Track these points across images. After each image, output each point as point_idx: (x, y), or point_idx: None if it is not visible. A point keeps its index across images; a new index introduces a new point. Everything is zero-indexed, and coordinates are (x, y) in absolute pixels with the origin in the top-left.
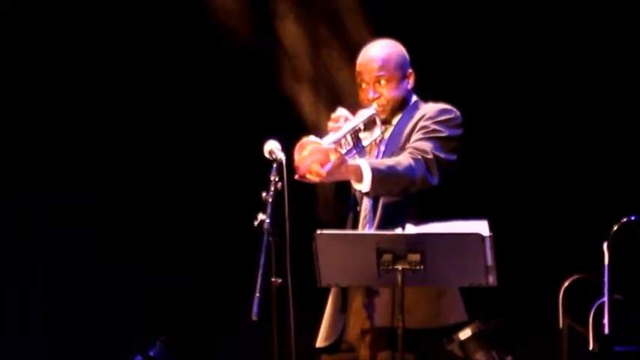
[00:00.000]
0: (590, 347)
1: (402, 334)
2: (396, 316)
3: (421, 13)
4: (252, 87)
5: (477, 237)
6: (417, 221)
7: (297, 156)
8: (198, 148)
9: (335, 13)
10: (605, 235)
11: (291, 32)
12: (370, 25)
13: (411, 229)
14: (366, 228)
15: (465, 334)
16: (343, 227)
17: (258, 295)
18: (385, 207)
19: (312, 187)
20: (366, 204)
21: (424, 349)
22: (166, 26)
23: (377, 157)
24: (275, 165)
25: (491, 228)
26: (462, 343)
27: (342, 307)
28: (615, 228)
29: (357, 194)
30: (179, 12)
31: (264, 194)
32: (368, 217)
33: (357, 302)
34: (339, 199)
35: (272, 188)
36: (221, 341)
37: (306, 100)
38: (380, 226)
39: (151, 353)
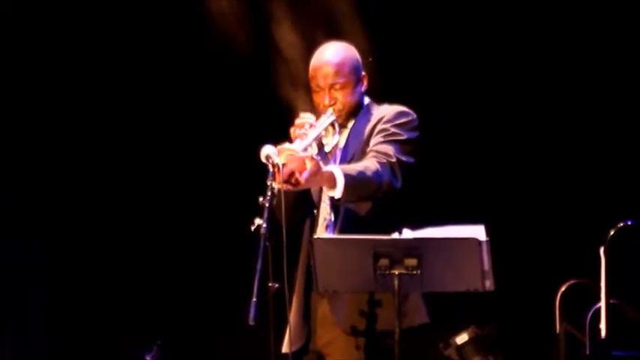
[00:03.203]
0: (587, 352)
1: (398, 339)
2: (394, 321)
3: (418, 18)
4: (249, 92)
5: (474, 242)
6: (381, 226)
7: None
8: (196, 153)
9: (332, 18)
10: (602, 239)
11: (287, 37)
12: (366, 30)
13: (407, 233)
14: (326, 232)
15: (461, 338)
16: (301, 232)
17: (255, 299)
18: (347, 211)
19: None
20: (325, 208)
21: (391, 350)
22: (164, 30)
23: (334, 162)
24: (272, 170)
25: (488, 233)
26: (459, 348)
27: (306, 314)
28: (612, 233)
29: (315, 199)
30: (176, 16)
31: (260, 199)
32: (328, 221)
33: (322, 310)
34: (299, 206)
35: (269, 193)
36: (218, 346)
37: (302, 105)
38: (342, 231)
39: (148, 357)
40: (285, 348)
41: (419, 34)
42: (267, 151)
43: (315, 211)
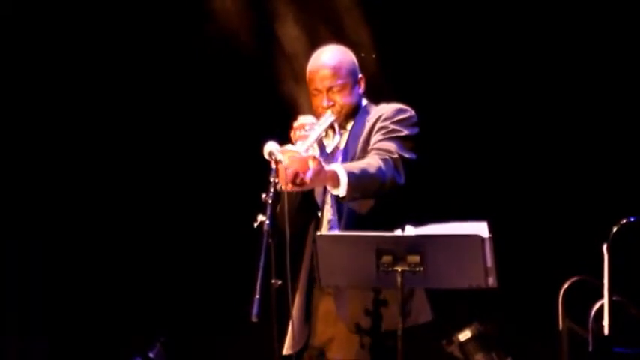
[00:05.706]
0: (590, 348)
1: (401, 335)
2: (398, 317)
3: (421, 13)
4: (252, 88)
5: (477, 238)
6: (384, 223)
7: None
8: (199, 150)
9: (334, 14)
10: (605, 236)
11: (290, 33)
12: (369, 25)
13: (410, 230)
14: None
15: (464, 335)
16: (305, 235)
17: (257, 296)
18: (350, 211)
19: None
20: (328, 210)
21: (395, 348)
22: (166, 28)
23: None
24: (274, 167)
25: (491, 229)
26: (462, 345)
27: (306, 316)
28: (615, 229)
29: (319, 202)
30: (179, 14)
31: (263, 196)
32: (332, 222)
33: (323, 306)
34: (302, 209)
35: (271, 190)
36: (221, 342)
37: (305, 101)
38: (345, 230)
39: (151, 354)
40: (287, 349)
41: (422, 28)
42: (270, 147)
43: (320, 214)
